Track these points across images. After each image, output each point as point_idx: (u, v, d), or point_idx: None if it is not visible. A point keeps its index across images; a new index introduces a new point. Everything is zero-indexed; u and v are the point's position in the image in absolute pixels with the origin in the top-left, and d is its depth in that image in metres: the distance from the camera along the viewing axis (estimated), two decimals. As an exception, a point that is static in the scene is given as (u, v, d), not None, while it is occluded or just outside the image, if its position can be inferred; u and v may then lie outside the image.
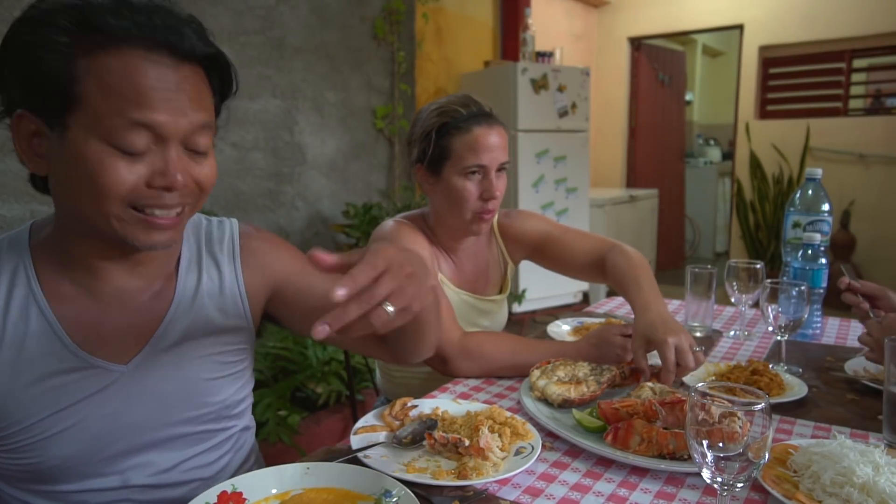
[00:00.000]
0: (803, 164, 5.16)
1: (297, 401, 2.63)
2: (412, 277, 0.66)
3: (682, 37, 6.76)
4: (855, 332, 1.60)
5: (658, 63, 6.36)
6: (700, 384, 0.72)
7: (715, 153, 7.62)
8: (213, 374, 0.90)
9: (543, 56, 4.27)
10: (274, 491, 0.80)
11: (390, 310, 0.64)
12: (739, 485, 0.68)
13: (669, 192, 6.35)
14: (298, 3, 3.10)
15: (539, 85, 4.09)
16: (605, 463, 0.91)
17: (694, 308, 1.55)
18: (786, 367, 1.26)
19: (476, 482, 0.83)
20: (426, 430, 0.95)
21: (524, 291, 3.88)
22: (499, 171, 1.36)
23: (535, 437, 0.94)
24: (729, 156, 6.62)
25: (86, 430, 0.81)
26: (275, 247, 0.99)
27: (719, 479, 0.68)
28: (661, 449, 0.88)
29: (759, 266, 1.46)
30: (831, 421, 1.06)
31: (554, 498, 0.83)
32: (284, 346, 2.45)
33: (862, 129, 4.96)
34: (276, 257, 0.98)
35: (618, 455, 0.90)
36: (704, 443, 0.67)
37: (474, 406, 1.07)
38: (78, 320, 0.81)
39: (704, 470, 0.69)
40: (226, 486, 0.77)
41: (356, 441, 0.94)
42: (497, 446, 0.89)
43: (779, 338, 1.27)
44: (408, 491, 0.77)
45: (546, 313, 4.29)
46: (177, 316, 0.87)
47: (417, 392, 1.36)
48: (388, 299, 0.64)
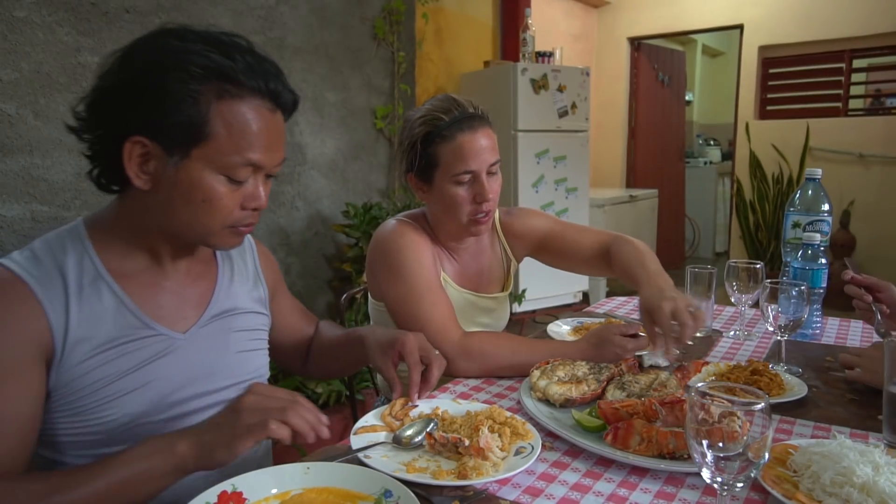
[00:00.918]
0: (803, 164, 5.16)
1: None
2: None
3: (682, 37, 6.77)
4: (855, 333, 1.60)
5: (658, 63, 6.36)
6: (700, 384, 0.72)
7: (715, 153, 7.62)
8: (247, 347, 1.05)
9: (543, 56, 4.27)
10: (274, 491, 0.80)
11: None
12: (739, 485, 0.68)
13: (669, 192, 6.35)
14: (298, 3, 3.10)
15: (539, 85, 4.09)
16: (605, 463, 0.91)
17: (694, 308, 1.55)
18: (786, 367, 1.26)
19: (476, 482, 0.83)
20: (426, 431, 0.96)
21: (524, 291, 3.87)
22: (490, 172, 1.35)
23: (535, 437, 0.94)
24: (729, 156, 6.62)
25: (153, 390, 0.91)
26: (268, 257, 1.19)
27: (719, 479, 0.68)
28: (661, 448, 0.88)
29: (758, 266, 1.46)
30: (831, 421, 1.06)
31: (554, 498, 0.83)
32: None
33: (862, 129, 4.95)
34: (272, 267, 1.19)
35: (618, 455, 0.90)
36: (704, 443, 0.67)
37: (474, 406, 1.07)
38: (142, 294, 0.93)
39: (704, 470, 0.69)
40: (226, 486, 0.77)
41: (356, 441, 0.95)
42: (497, 446, 0.89)
43: (779, 338, 1.27)
44: (408, 491, 0.77)
45: (546, 313, 4.29)
46: (221, 295, 1.03)
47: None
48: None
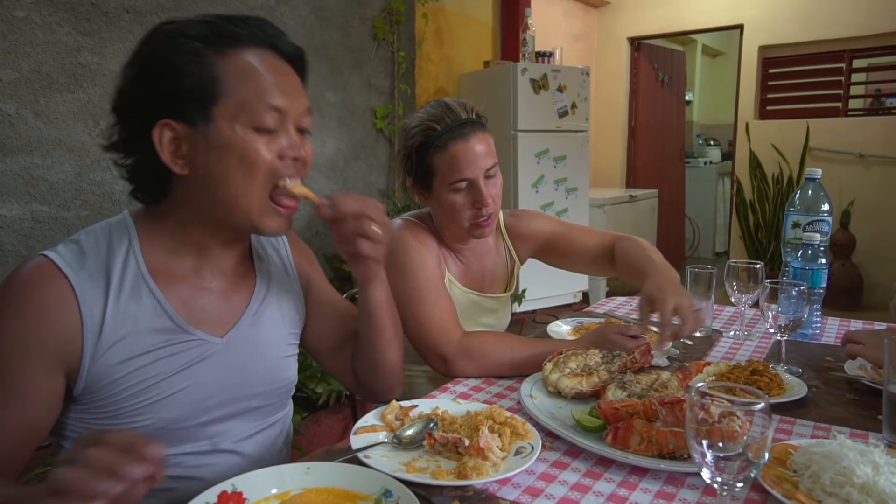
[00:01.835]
0: (803, 164, 5.16)
1: (297, 401, 2.62)
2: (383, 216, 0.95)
3: (682, 37, 6.76)
4: (855, 332, 1.60)
5: (658, 63, 6.36)
6: (700, 384, 0.72)
7: (715, 153, 7.62)
8: (284, 353, 1.04)
9: (543, 56, 4.26)
10: (274, 491, 0.80)
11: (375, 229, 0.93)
12: (739, 485, 0.68)
13: (669, 192, 6.35)
14: (298, 3, 3.10)
15: (539, 85, 4.09)
16: (605, 463, 0.91)
17: (694, 308, 1.55)
18: (786, 367, 1.26)
19: (476, 482, 0.83)
20: (426, 431, 0.96)
21: (524, 291, 3.87)
22: (488, 176, 1.35)
23: (535, 437, 0.94)
24: (729, 156, 6.62)
25: (189, 395, 0.90)
26: (301, 248, 1.15)
27: (719, 479, 0.68)
28: (661, 448, 0.88)
29: (758, 266, 1.46)
30: (831, 421, 1.06)
31: (554, 498, 0.83)
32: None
33: (861, 129, 4.95)
34: (306, 256, 1.15)
35: (618, 455, 0.90)
36: (704, 443, 0.67)
37: (474, 406, 1.07)
38: (182, 298, 0.92)
39: (704, 470, 0.69)
40: (226, 486, 0.77)
41: (356, 441, 0.94)
42: (497, 446, 0.89)
43: (779, 338, 1.27)
44: (408, 491, 0.77)
45: (546, 313, 4.28)
46: (259, 297, 1.01)
47: (420, 392, 1.36)
48: None
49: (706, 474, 0.69)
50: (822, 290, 1.49)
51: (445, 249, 1.46)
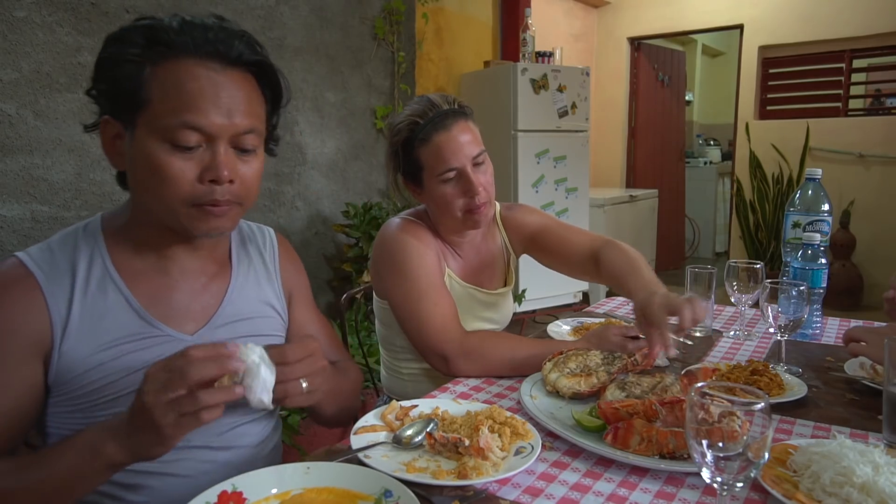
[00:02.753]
0: (803, 164, 5.16)
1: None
2: (322, 370, 0.85)
3: (682, 37, 6.76)
4: (855, 332, 1.60)
5: (658, 63, 6.36)
6: (700, 384, 0.72)
7: (715, 153, 7.62)
8: None
9: (543, 56, 4.27)
10: (274, 491, 0.80)
11: (304, 385, 0.82)
12: (739, 485, 0.68)
13: (669, 192, 6.35)
14: (298, 3, 3.10)
15: (539, 85, 4.09)
16: (605, 463, 0.91)
17: (694, 308, 1.55)
18: (786, 367, 1.26)
19: (476, 482, 0.83)
20: (426, 431, 0.96)
21: (524, 291, 3.87)
22: (476, 164, 1.35)
23: (535, 437, 0.94)
24: (729, 156, 6.62)
25: None
26: (292, 257, 1.15)
27: (719, 479, 0.68)
28: (661, 448, 0.88)
29: (758, 266, 1.46)
30: (831, 421, 1.06)
31: (554, 498, 0.83)
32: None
33: (862, 129, 4.95)
34: (293, 266, 1.15)
35: (618, 455, 0.90)
36: (704, 443, 0.67)
37: (474, 406, 1.07)
38: (150, 294, 0.92)
39: (704, 470, 0.69)
40: (226, 486, 0.77)
41: (356, 441, 0.94)
42: (497, 446, 0.89)
43: (779, 338, 1.27)
44: (408, 491, 0.77)
45: (546, 313, 4.28)
46: (233, 297, 1.00)
47: (420, 390, 1.37)
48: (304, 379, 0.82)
49: (706, 474, 0.69)
50: (822, 290, 1.49)
51: (444, 245, 1.46)
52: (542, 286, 4.10)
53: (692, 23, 5.73)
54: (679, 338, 1.11)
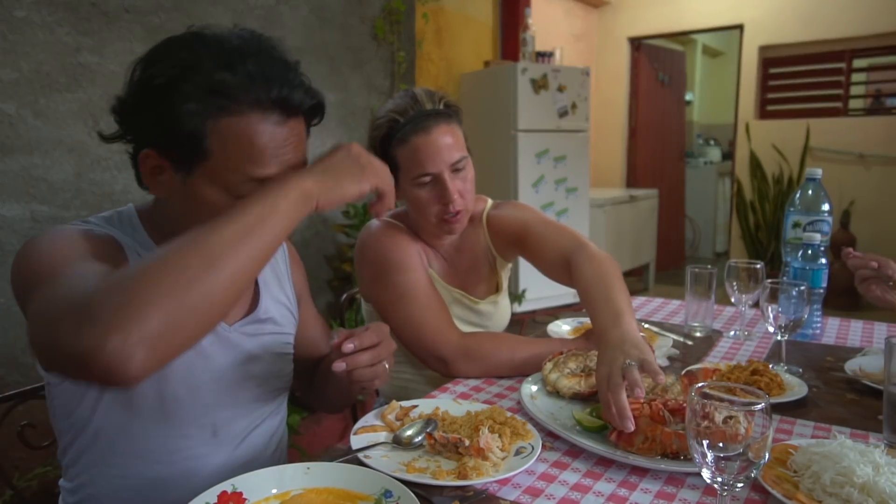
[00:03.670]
0: (803, 164, 5.16)
1: (297, 401, 2.62)
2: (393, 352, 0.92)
3: (682, 37, 6.76)
4: (855, 332, 1.60)
5: (658, 63, 6.36)
6: (700, 384, 0.72)
7: (715, 153, 7.62)
8: (282, 350, 1.06)
9: (543, 56, 4.27)
10: (274, 491, 0.80)
11: (386, 366, 0.91)
12: (739, 485, 0.68)
13: (669, 192, 6.35)
14: (298, 3, 3.10)
15: (539, 85, 4.09)
16: (605, 463, 0.91)
17: (694, 308, 1.55)
18: (786, 367, 1.26)
19: (476, 482, 0.83)
20: (426, 431, 0.95)
21: (524, 291, 3.87)
22: (455, 170, 1.28)
23: (535, 437, 0.94)
24: (729, 156, 6.62)
25: (195, 377, 0.92)
26: (298, 261, 1.19)
27: (719, 479, 0.68)
28: (664, 448, 0.88)
29: (759, 266, 1.46)
30: (831, 421, 1.06)
31: (554, 498, 0.83)
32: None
33: (862, 129, 4.96)
34: (301, 270, 1.19)
35: (618, 455, 0.90)
36: (705, 443, 0.67)
37: (474, 406, 1.07)
38: None
39: (704, 470, 0.69)
40: (226, 486, 0.77)
41: (356, 441, 0.94)
42: (497, 446, 0.89)
43: (779, 338, 1.27)
44: (408, 491, 0.77)
45: (546, 313, 4.28)
46: (265, 294, 1.04)
47: (418, 395, 1.36)
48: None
49: (706, 474, 0.69)
50: (822, 290, 1.49)
51: (426, 246, 1.41)
52: (543, 286, 4.08)
53: (692, 23, 5.73)
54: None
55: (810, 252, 1.47)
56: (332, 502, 0.79)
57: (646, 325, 1.55)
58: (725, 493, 0.70)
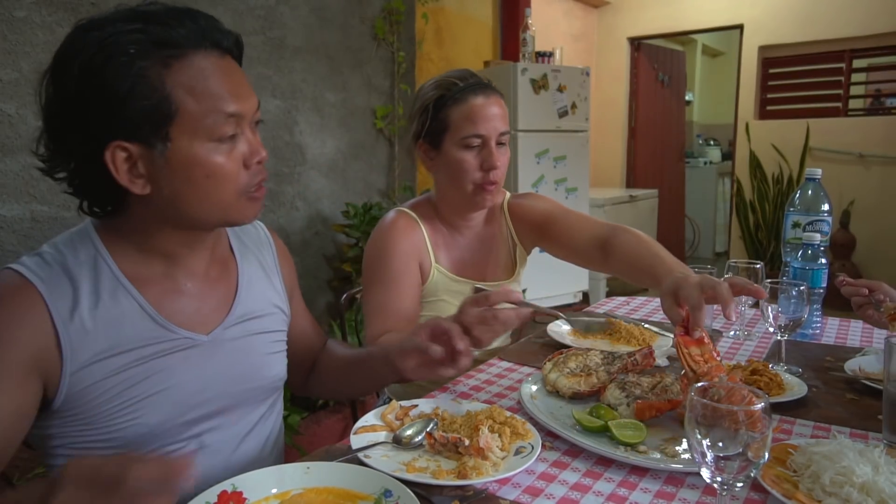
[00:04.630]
0: (803, 164, 5.16)
1: (297, 401, 2.63)
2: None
3: (682, 37, 6.76)
4: (855, 332, 1.60)
5: (658, 63, 6.36)
6: (700, 384, 0.72)
7: (715, 153, 7.62)
8: (269, 350, 1.04)
9: (543, 56, 4.26)
10: (274, 490, 0.80)
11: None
12: (739, 484, 0.68)
13: (669, 192, 6.35)
14: (298, 3, 3.10)
15: (539, 85, 4.09)
16: (605, 462, 0.91)
17: (694, 308, 1.54)
18: (786, 367, 1.26)
19: (476, 482, 0.83)
20: (426, 430, 0.96)
21: (524, 291, 3.87)
22: (500, 144, 1.35)
23: (535, 437, 0.94)
24: (729, 156, 6.62)
25: (173, 394, 0.89)
26: (286, 254, 1.15)
27: (719, 479, 0.68)
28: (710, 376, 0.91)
29: (758, 266, 1.46)
30: (831, 421, 1.06)
31: (554, 497, 0.83)
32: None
33: (862, 129, 4.95)
34: (289, 263, 1.15)
35: (618, 455, 0.90)
36: (705, 443, 0.67)
37: (474, 406, 1.07)
38: (160, 299, 0.90)
39: (704, 469, 0.69)
40: (226, 486, 0.77)
41: (356, 441, 0.94)
42: (497, 446, 0.89)
43: (779, 338, 1.27)
44: (408, 491, 0.77)
45: (546, 313, 4.28)
46: (243, 294, 1.00)
47: (420, 393, 1.36)
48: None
49: (706, 474, 0.69)
50: (822, 290, 1.49)
51: (440, 234, 1.43)
52: (542, 286, 4.10)
53: (692, 23, 5.73)
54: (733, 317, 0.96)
55: (810, 252, 1.47)
56: (332, 502, 0.79)
57: (646, 326, 1.55)
58: (725, 493, 0.70)
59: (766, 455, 0.67)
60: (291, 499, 0.79)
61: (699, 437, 0.68)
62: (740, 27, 5.45)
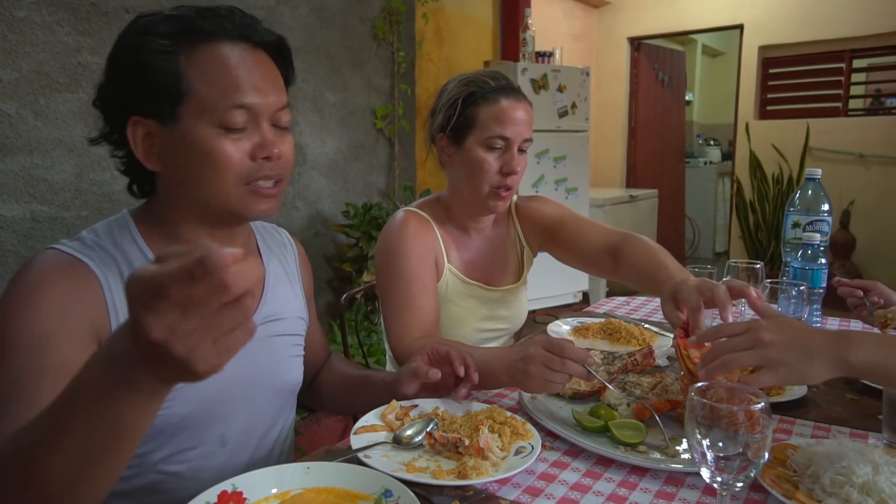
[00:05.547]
0: (803, 164, 5.16)
1: (296, 401, 2.62)
2: None
3: (682, 37, 6.76)
4: (855, 332, 1.60)
5: (658, 63, 6.36)
6: (700, 384, 0.72)
7: (715, 153, 7.62)
8: (291, 353, 1.05)
9: (543, 56, 4.26)
10: (274, 491, 0.80)
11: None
12: (739, 484, 0.68)
13: (669, 192, 6.35)
14: (298, 3, 3.10)
15: (539, 85, 4.09)
16: (605, 462, 0.91)
17: (694, 308, 1.54)
18: (785, 367, 1.26)
19: (476, 482, 0.83)
20: (426, 430, 0.96)
21: (524, 291, 3.87)
22: (521, 151, 1.35)
23: (535, 437, 0.94)
24: (729, 156, 6.62)
25: (203, 390, 0.88)
26: (306, 261, 1.18)
27: (719, 479, 0.68)
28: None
29: (758, 266, 1.46)
30: (831, 421, 1.06)
31: (554, 497, 0.83)
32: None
33: (862, 129, 4.95)
34: (309, 274, 1.17)
35: (618, 455, 0.90)
36: (705, 443, 0.67)
37: (474, 406, 1.07)
38: None
39: (704, 469, 0.69)
40: (226, 486, 0.77)
41: (356, 441, 0.94)
42: (497, 446, 0.89)
43: (778, 338, 1.27)
44: (408, 491, 0.77)
45: (546, 313, 4.28)
46: (269, 296, 1.01)
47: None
48: None
49: (706, 474, 0.69)
50: (822, 290, 1.49)
51: (450, 235, 1.42)
52: (542, 286, 4.10)
53: (692, 23, 5.73)
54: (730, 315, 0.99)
55: (810, 252, 1.47)
56: (332, 502, 0.79)
57: (646, 326, 1.55)
58: (725, 493, 0.70)
59: (766, 455, 0.67)
60: (291, 499, 0.79)
61: (699, 437, 0.68)
62: (740, 27, 5.45)
